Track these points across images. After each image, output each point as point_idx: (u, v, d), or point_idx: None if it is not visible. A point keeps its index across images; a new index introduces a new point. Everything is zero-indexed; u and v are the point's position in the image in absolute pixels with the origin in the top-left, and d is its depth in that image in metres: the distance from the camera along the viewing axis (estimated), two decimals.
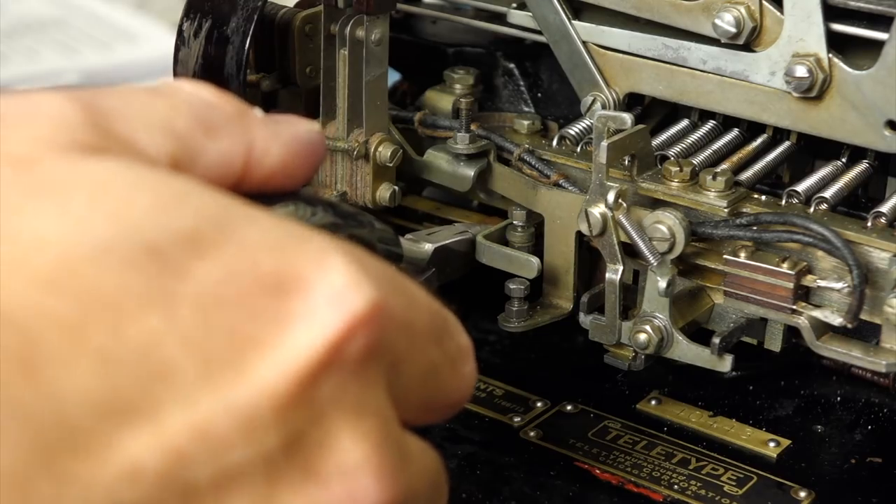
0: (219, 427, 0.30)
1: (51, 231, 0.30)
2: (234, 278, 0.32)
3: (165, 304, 0.31)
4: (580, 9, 0.64)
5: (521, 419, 0.59)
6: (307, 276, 0.33)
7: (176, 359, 0.30)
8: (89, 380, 0.29)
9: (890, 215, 0.55)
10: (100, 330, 0.30)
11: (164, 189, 0.33)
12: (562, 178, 0.62)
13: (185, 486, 0.30)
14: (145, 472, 0.30)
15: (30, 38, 1.19)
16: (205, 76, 0.61)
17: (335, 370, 0.32)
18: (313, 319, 0.32)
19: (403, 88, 0.74)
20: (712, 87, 0.60)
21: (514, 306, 0.60)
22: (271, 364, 0.31)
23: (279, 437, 0.31)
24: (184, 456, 0.30)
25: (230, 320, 0.31)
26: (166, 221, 0.32)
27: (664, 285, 0.56)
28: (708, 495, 0.54)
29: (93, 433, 0.29)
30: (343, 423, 0.33)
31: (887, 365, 0.53)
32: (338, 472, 0.33)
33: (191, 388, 0.30)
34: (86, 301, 0.30)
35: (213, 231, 0.32)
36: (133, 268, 0.31)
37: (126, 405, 0.30)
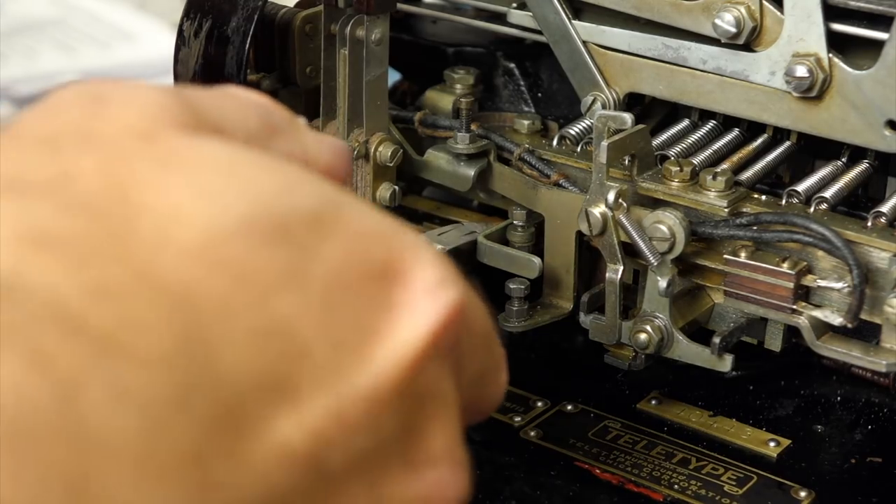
0: (350, 411, 0.31)
1: (190, 206, 0.30)
2: (353, 262, 0.32)
3: (300, 283, 0.31)
4: (580, 9, 0.64)
5: (522, 419, 0.59)
6: (406, 267, 0.33)
7: (311, 339, 0.30)
8: (245, 356, 0.29)
9: (890, 215, 0.55)
10: (249, 305, 0.30)
11: (285, 169, 0.33)
12: (562, 178, 0.62)
13: (325, 472, 0.30)
14: (295, 453, 0.29)
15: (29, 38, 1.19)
16: (205, 76, 0.61)
17: (434, 360, 0.33)
18: (416, 310, 0.33)
19: (403, 88, 0.74)
20: (712, 87, 0.60)
21: (514, 306, 0.60)
22: (388, 349, 0.32)
23: (393, 424, 0.32)
24: (325, 439, 0.30)
25: (351, 304, 0.32)
26: (293, 200, 0.32)
27: (664, 285, 0.56)
28: (708, 495, 0.54)
29: (252, 411, 0.29)
30: (434, 413, 0.33)
31: (887, 365, 0.53)
32: (428, 460, 0.33)
33: (324, 370, 0.30)
34: (234, 276, 0.30)
35: (332, 213, 0.32)
36: (271, 244, 0.31)
37: (275, 384, 0.29)
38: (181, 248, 0.30)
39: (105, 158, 0.31)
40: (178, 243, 0.30)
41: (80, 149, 0.31)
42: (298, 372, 0.30)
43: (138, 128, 0.32)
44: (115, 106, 0.33)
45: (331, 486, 0.31)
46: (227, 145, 0.33)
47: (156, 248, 0.30)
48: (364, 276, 0.32)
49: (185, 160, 0.32)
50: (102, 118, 0.32)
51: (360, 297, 0.32)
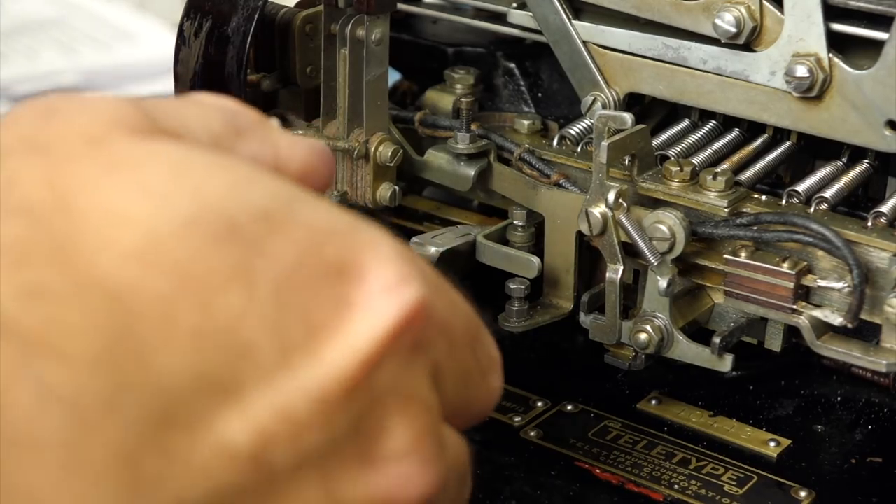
0: (298, 409, 0.31)
1: (135, 206, 0.30)
2: (305, 260, 0.32)
3: (246, 282, 0.31)
4: (580, 9, 0.64)
5: (522, 419, 0.59)
6: (363, 265, 0.33)
7: (256, 338, 0.30)
8: (184, 356, 0.29)
9: (890, 215, 0.55)
10: (190, 306, 0.30)
11: (236, 168, 0.33)
12: (562, 178, 0.62)
13: (272, 470, 0.30)
14: (237, 452, 0.29)
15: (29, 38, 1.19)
16: (205, 76, 0.61)
17: (392, 358, 0.33)
18: (371, 308, 0.33)
19: (404, 88, 0.74)
20: (712, 87, 0.60)
21: (514, 306, 0.60)
22: (339, 348, 0.32)
23: (346, 421, 0.32)
24: (270, 437, 0.30)
25: (302, 302, 0.31)
26: (244, 198, 0.32)
27: (664, 285, 0.56)
28: (708, 495, 0.54)
29: (189, 411, 0.29)
30: (394, 411, 0.33)
31: (887, 365, 0.53)
32: (389, 457, 0.33)
33: (270, 368, 0.30)
34: (176, 276, 0.30)
35: (283, 210, 0.32)
36: (217, 243, 0.31)
37: (216, 384, 0.29)
38: (122, 250, 0.30)
39: (49, 165, 0.31)
40: (118, 245, 0.30)
41: (25, 157, 0.31)
42: (242, 371, 0.30)
43: (87, 133, 0.32)
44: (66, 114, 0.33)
45: (279, 483, 0.31)
46: (178, 146, 0.33)
47: (95, 251, 0.30)
48: (318, 275, 0.32)
49: (131, 162, 0.32)
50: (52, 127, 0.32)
51: (313, 295, 0.32)
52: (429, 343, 0.35)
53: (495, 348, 0.40)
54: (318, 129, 0.63)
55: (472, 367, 0.38)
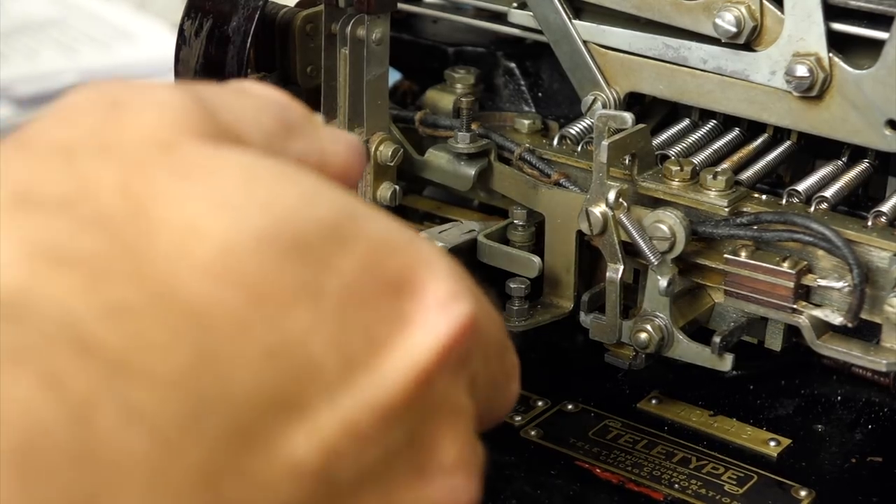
0: (360, 424, 0.31)
1: (208, 219, 0.30)
2: (368, 276, 0.32)
3: (313, 297, 0.31)
4: (581, 8, 0.64)
5: (522, 418, 0.59)
6: (419, 280, 0.33)
7: (322, 354, 0.30)
8: (257, 373, 0.29)
9: (890, 214, 0.55)
10: (263, 322, 0.30)
11: (304, 180, 0.33)
12: (562, 178, 0.62)
13: (336, 484, 0.30)
14: (305, 468, 0.30)
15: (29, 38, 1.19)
16: (206, 75, 0.61)
17: (445, 373, 0.33)
18: (426, 323, 0.33)
19: (404, 88, 0.74)
20: (713, 87, 0.60)
21: (514, 305, 0.60)
22: (398, 362, 0.32)
23: (403, 435, 0.32)
24: (336, 453, 0.30)
25: (363, 317, 0.32)
26: (312, 212, 0.32)
27: (665, 284, 0.56)
28: (708, 494, 0.54)
29: (261, 429, 0.29)
30: (444, 424, 0.34)
31: (888, 364, 0.53)
32: (440, 469, 0.33)
33: (335, 384, 0.30)
34: (250, 292, 0.30)
35: (348, 224, 0.33)
36: (288, 259, 0.31)
37: (285, 401, 0.29)
38: (197, 263, 0.30)
39: (123, 170, 0.31)
40: (194, 258, 0.30)
41: (97, 160, 0.31)
42: (309, 387, 0.30)
43: (157, 137, 0.32)
44: (133, 112, 0.32)
45: (341, 498, 0.31)
46: (246, 155, 0.33)
47: (172, 265, 0.29)
48: (378, 290, 0.32)
49: (203, 171, 0.31)
50: (120, 125, 0.32)
51: (374, 310, 0.32)
52: (471, 356, 0.35)
53: (516, 355, 0.40)
54: None
55: (500, 376, 0.39)
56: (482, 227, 0.64)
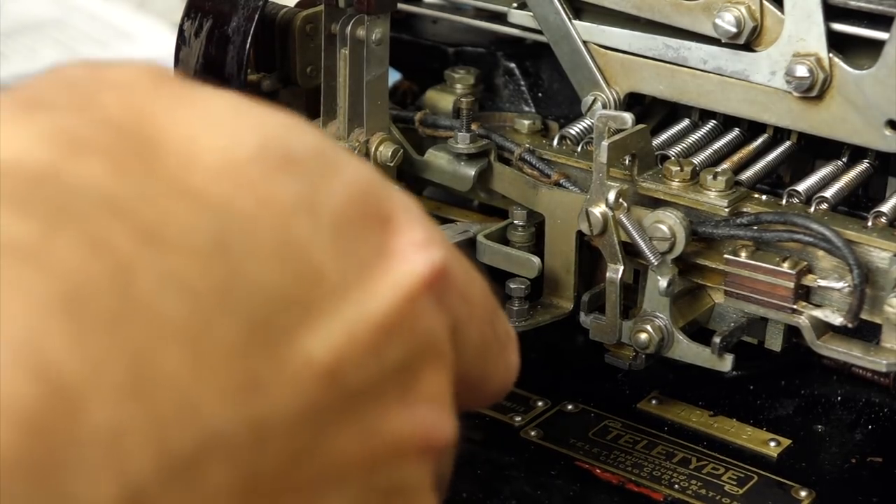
0: (363, 333, 0.32)
1: (207, 135, 0.32)
2: (355, 202, 0.34)
3: (311, 210, 0.32)
4: (581, 8, 0.64)
5: (522, 419, 0.59)
6: (401, 220, 0.35)
7: (323, 264, 0.32)
8: (270, 271, 0.30)
9: (890, 215, 0.55)
10: (270, 225, 0.31)
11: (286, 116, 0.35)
12: (562, 178, 0.62)
13: (343, 388, 0.31)
14: (320, 368, 0.31)
15: (29, 38, 1.19)
16: (205, 75, 0.61)
17: (426, 305, 0.34)
18: (408, 258, 0.34)
19: (404, 88, 0.74)
20: (713, 87, 0.60)
21: (514, 306, 0.60)
22: (388, 284, 0.33)
23: (395, 356, 0.33)
24: (343, 357, 0.31)
25: (355, 239, 0.33)
26: (299, 138, 0.34)
27: (665, 285, 0.56)
28: (708, 495, 0.54)
29: (281, 323, 0.30)
30: (429, 358, 0.35)
31: (888, 364, 0.53)
32: (422, 399, 0.34)
33: (337, 294, 0.32)
34: (257, 197, 0.31)
35: (333, 154, 0.34)
36: (283, 172, 0.32)
37: (297, 301, 0.31)
38: (207, 166, 0.31)
39: (122, 93, 0.32)
40: (203, 163, 0.31)
41: (97, 87, 0.33)
42: (316, 293, 0.31)
43: (147, 74, 0.34)
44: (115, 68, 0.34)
45: (347, 405, 0.32)
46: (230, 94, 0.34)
47: (184, 165, 0.31)
48: (365, 217, 0.34)
49: (195, 98, 0.33)
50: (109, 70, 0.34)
51: (362, 234, 0.34)
52: (450, 303, 0.36)
53: (511, 326, 0.41)
54: (319, 129, 0.63)
55: (490, 340, 0.39)
56: (479, 228, 0.64)
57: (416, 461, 0.34)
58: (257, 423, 0.29)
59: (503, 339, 0.41)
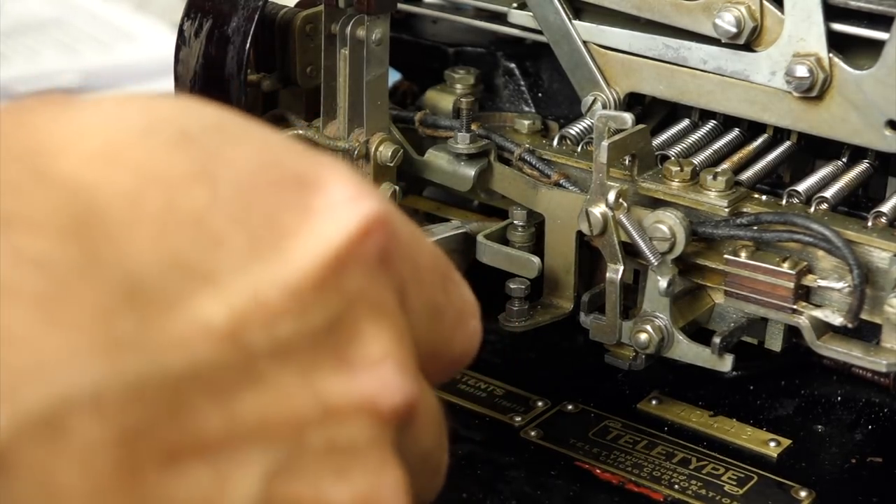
0: (271, 296, 0.32)
1: (92, 120, 0.33)
2: (263, 167, 0.34)
3: (208, 182, 0.33)
4: (581, 9, 0.64)
5: (522, 419, 0.59)
6: (324, 179, 0.35)
7: (225, 230, 0.33)
8: (151, 240, 0.31)
9: (890, 215, 0.55)
10: (154, 198, 0.32)
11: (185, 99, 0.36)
12: (562, 178, 0.62)
13: (247, 351, 0.32)
14: (214, 328, 0.31)
15: (30, 38, 1.19)
16: (205, 76, 0.61)
17: (358, 262, 0.35)
18: (334, 215, 0.35)
19: (404, 88, 0.74)
20: (713, 87, 0.60)
21: (514, 306, 0.60)
22: (306, 247, 0.34)
23: (320, 318, 0.34)
24: (245, 318, 0.32)
25: (266, 203, 0.34)
26: (193, 114, 0.35)
27: (665, 285, 0.56)
28: (708, 495, 0.54)
29: (165, 289, 0.31)
30: (366, 318, 0.35)
31: (888, 365, 0.53)
32: (366, 362, 0.35)
33: (242, 258, 0.33)
34: (138, 173, 0.32)
35: (235, 126, 0.35)
36: (173, 148, 0.33)
37: (190, 268, 0.32)
38: (83, 153, 0.32)
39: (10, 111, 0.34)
40: (80, 150, 0.32)
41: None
42: (215, 258, 0.32)
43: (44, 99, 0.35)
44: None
45: (258, 367, 0.32)
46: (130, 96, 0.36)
47: (57, 156, 0.32)
48: (277, 181, 0.34)
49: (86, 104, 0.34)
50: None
51: (275, 198, 0.34)
52: (392, 261, 0.36)
53: (471, 294, 0.42)
54: (319, 129, 0.63)
55: (443, 303, 0.40)
56: (475, 225, 0.64)
57: (360, 421, 0.34)
58: (131, 380, 0.29)
59: (458, 304, 0.41)
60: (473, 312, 0.42)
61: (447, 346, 0.41)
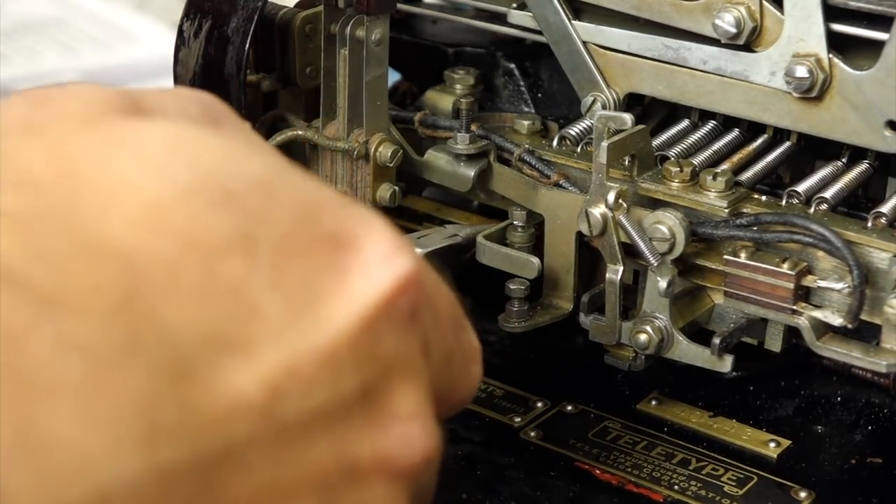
0: (307, 365, 0.32)
1: (136, 177, 0.32)
2: (302, 227, 0.34)
3: (247, 246, 0.32)
4: (580, 9, 0.64)
5: (522, 419, 0.59)
6: (358, 235, 0.35)
7: (262, 299, 0.32)
8: (191, 313, 0.31)
9: (890, 215, 0.55)
10: (194, 267, 0.31)
11: (229, 142, 0.34)
12: (562, 179, 0.62)
13: (280, 423, 0.31)
14: (248, 403, 0.31)
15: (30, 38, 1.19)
16: (205, 76, 0.61)
17: (393, 322, 0.34)
18: (369, 274, 0.34)
19: (403, 88, 0.74)
20: (712, 88, 0.60)
21: (514, 306, 0.60)
22: (342, 309, 0.33)
23: (354, 383, 0.33)
24: (279, 390, 0.31)
25: (302, 267, 0.33)
26: (238, 168, 0.33)
27: (664, 286, 0.56)
28: (708, 496, 0.54)
29: (202, 364, 0.30)
30: (399, 376, 0.35)
31: (887, 365, 0.53)
32: (394, 419, 0.34)
33: (278, 328, 0.32)
34: (179, 239, 0.31)
35: (277, 180, 0.34)
36: (216, 210, 0.32)
37: (226, 340, 0.31)
38: (126, 216, 0.31)
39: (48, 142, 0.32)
40: (123, 212, 0.31)
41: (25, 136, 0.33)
42: (251, 329, 0.31)
43: (80, 114, 0.34)
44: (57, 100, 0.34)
45: (290, 439, 0.32)
46: (169, 122, 0.34)
47: (101, 218, 0.31)
48: (315, 242, 0.34)
49: (128, 137, 0.33)
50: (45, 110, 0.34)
51: (312, 260, 0.33)
52: (422, 316, 0.36)
53: (476, 338, 0.41)
54: (318, 130, 0.63)
55: (455, 349, 0.39)
56: (469, 231, 0.64)
57: (388, 481, 0.34)
58: (170, 468, 0.29)
59: (467, 349, 0.40)
60: (477, 357, 0.41)
61: (453, 390, 0.40)
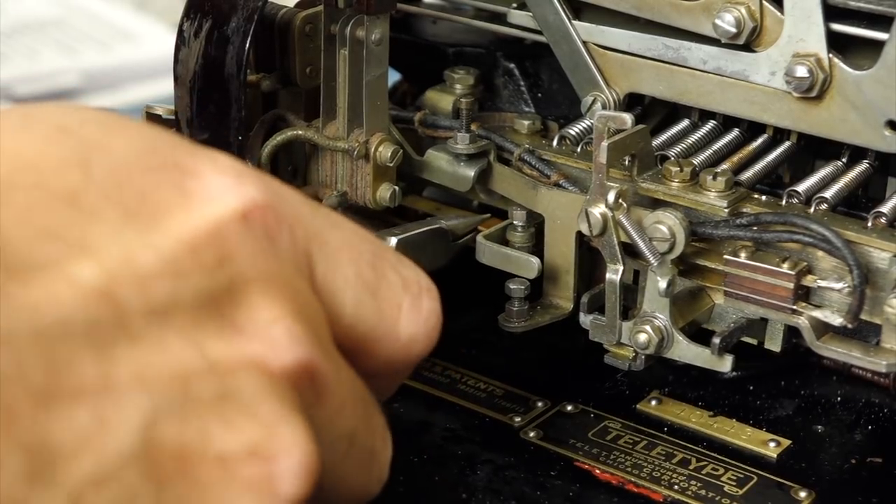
0: (145, 260, 0.35)
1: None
2: (142, 155, 0.37)
3: (82, 166, 0.36)
4: (580, 9, 0.64)
5: (522, 419, 0.59)
6: (202, 167, 0.38)
7: (99, 206, 0.35)
8: (24, 217, 0.34)
9: (890, 215, 0.55)
10: (28, 182, 0.35)
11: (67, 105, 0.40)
12: (562, 178, 0.62)
13: (122, 308, 0.34)
14: (86, 286, 0.34)
15: (30, 38, 1.19)
16: (205, 76, 0.61)
17: (241, 236, 0.37)
18: (211, 197, 0.38)
19: (403, 88, 0.74)
20: (712, 87, 0.60)
21: (514, 306, 0.60)
22: (182, 221, 0.37)
23: (199, 285, 0.36)
24: (117, 277, 0.34)
25: (142, 185, 0.37)
26: (73, 113, 0.38)
27: (664, 285, 0.56)
28: (708, 495, 0.54)
29: (33, 257, 0.34)
30: (256, 287, 0.37)
31: (887, 365, 0.53)
32: (253, 325, 0.37)
33: (116, 229, 0.35)
34: (11, 162, 0.35)
35: (116, 121, 0.38)
36: (48, 139, 0.36)
37: (61, 238, 0.34)
38: None
39: None
40: None
41: None
42: (89, 230, 0.35)
43: None
44: None
45: (134, 324, 0.34)
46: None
47: None
48: (155, 166, 0.37)
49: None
50: None
51: (153, 180, 0.37)
52: (281, 238, 0.39)
53: (421, 273, 0.43)
54: (318, 130, 0.63)
55: (371, 279, 0.41)
56: (454, 222, 0.63)
57: (249, 376, 0.36)
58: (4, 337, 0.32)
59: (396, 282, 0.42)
60: (420, 291, 0.43)
61: (389, 325, 0.42)
